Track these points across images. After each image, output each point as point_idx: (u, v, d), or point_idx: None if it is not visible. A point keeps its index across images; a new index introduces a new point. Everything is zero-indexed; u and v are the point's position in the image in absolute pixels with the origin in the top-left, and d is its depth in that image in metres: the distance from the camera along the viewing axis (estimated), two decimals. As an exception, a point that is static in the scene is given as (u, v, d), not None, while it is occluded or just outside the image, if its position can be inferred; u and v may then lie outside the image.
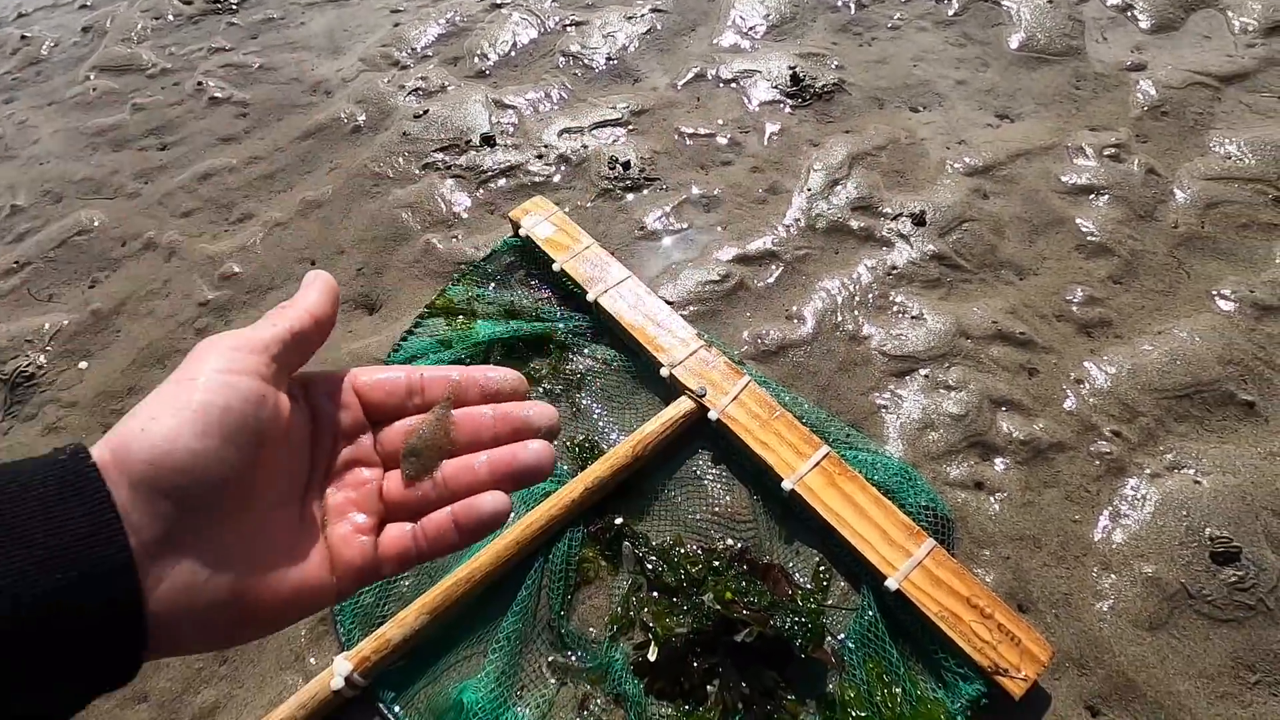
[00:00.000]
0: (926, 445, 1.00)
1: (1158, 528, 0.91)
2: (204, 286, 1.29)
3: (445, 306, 1.19)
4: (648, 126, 1.48)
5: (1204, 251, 1.20)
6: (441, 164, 1.45)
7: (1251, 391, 1.03)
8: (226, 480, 0.32)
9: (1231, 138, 1.34)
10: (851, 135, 1.42)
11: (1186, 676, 0.82)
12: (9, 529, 0.27)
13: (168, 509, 0.30)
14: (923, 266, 1.20)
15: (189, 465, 0.30)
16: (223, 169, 1.50)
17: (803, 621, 0.82)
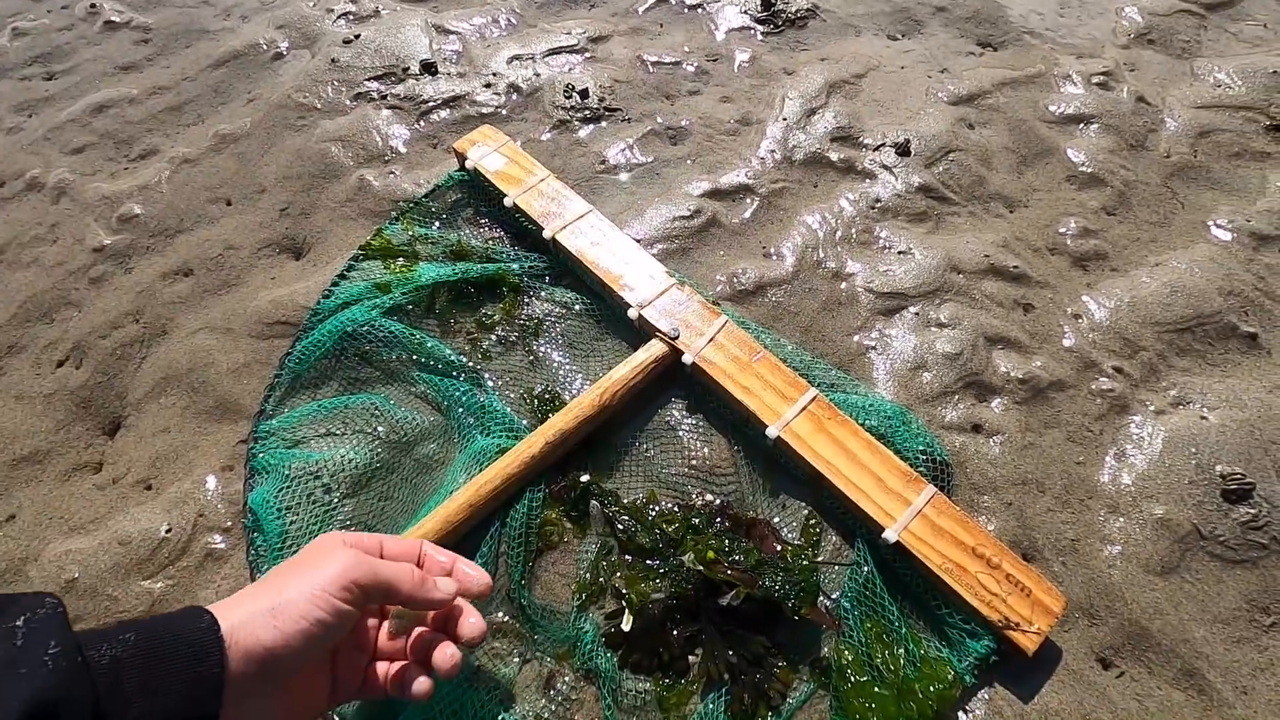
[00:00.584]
0: (919, 387, 0.92)
1: (1166, 467, 0.85)
2: (99, 230, 1.12)
3: (382, 248, 1.05)
4: (607, 54, 1.35)
5: (1197, 181, 1.14)
6: (376, 94, 1.29)
7: (1253, 323, 0.97)
8: (305, 665, 0.53)
9: (1220, 65, 1.28)
10: (828, 63, 1.31)
11: (1201, 622, 0.76)
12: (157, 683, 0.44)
13: (257, 674, 0.48)
14: (908, 199, 1.11)
15: (288, 661, 0.50)
16: (121, 100, 1.32)
17: (794, 580, 0.73)
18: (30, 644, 0.41)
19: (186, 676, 0.45)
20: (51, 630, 0.43)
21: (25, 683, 0.39)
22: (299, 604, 0.51)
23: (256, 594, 0.52)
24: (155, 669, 0.44)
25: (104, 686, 0.42)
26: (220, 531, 0.83)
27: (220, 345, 0.98)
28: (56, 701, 0.39)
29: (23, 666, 0.40)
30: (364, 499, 0.84)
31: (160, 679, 0.44)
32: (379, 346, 0.95)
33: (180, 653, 0.45)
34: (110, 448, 0.92)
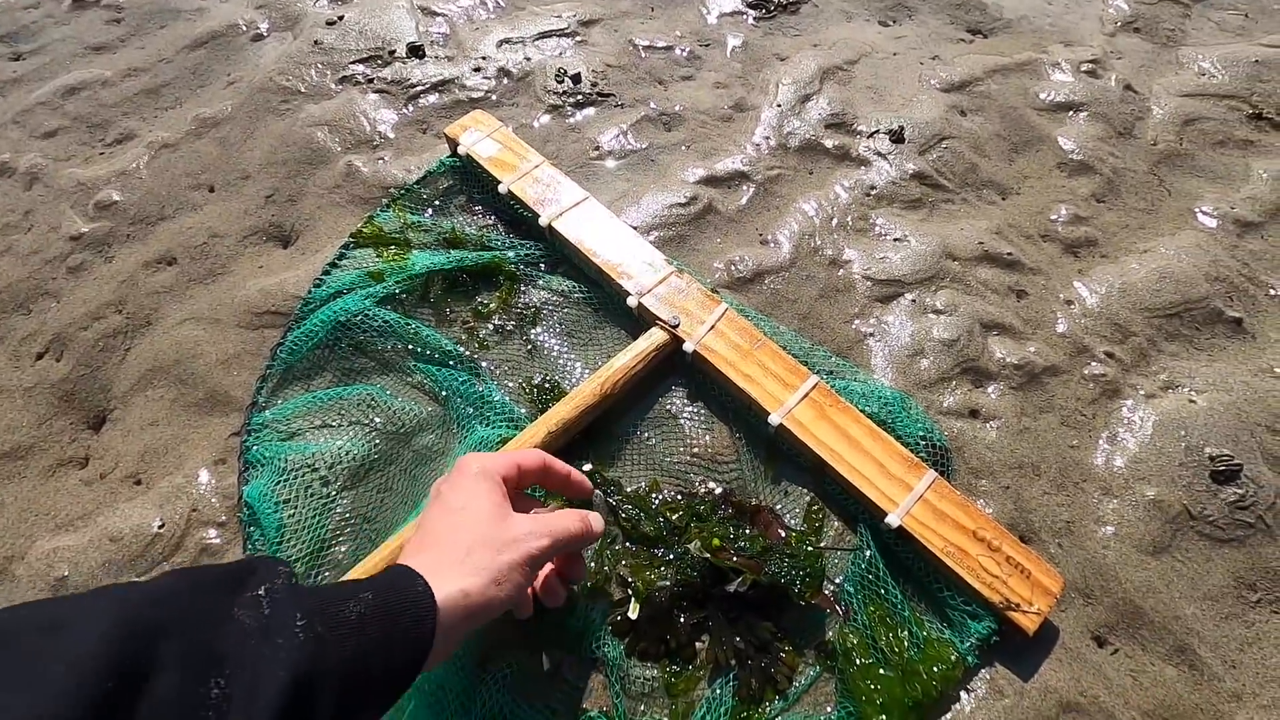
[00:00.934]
0: (917, 373, 0.92)
1: (1157, 449, 0.86)
2: (76, 217, 1.09)
3: (374, 235, 1.03)
4: (598, 38, 1.33)
5: (1183, 168, 1.16)
6: (362, 77, 1.26)
7: (1238, 308, 0.99)
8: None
9: (1204, 54, 1.30)
10: (820, 49, 1.31)
11: (1191, 600, 0.78)
12: (389, 638, 0.48)
13: (444, 637, 0.52)
14: (903, 186, 1.11)
15: (476, 626, 0.56)
16: (94, 82, 1.27)
17: (800, 566, 0.74)
18: (277, 613, 0.44)
19: (411, 635, 0.49)
20: (294, 599, 0.45)
21: (284, 653, 0.42)
22: (495, 595, 0.56)
23: (451, 567, 0.55)
24: (390, 626, 0.48)
25: (350, 647, 0.45)
26: (215, 526, 0.81)
27: (208, 336, 0.95)
28: (311, 674, 0.42)
29: (278, 636, 0.42)
30: (362, 491, 0.83)
31: (393, 636, 0.48)
32: (373, 336, 0.93)
33: (407, 613, 0.49)
34: (96, 442, 0.90)
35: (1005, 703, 0.72)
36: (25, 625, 0.37)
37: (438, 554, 0.56)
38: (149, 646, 0.38)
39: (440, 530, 0.59)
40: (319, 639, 0.44)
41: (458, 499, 0.61)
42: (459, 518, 0.59)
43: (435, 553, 0.56)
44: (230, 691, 0.39)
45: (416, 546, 0.58)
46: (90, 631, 0.36)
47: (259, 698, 0.39)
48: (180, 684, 0.37)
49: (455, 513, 0.60)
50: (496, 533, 0.59)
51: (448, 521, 0.59)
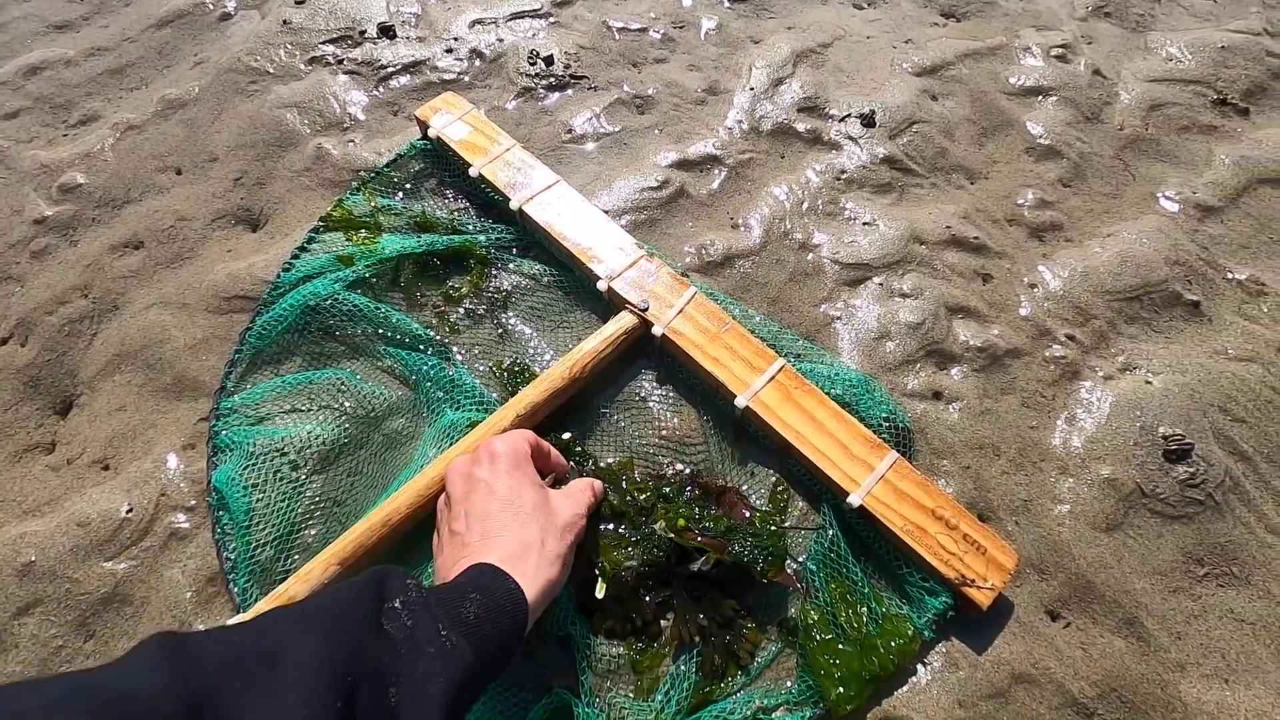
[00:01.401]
0: (883, 356, 0.94)
1: (1113, 429, 0.89)
2: (39, 200, 1.07)
3: (344, 219, 1.02)
4: (571, 19, 1.32)
5: (1148, 153, 1.17)
6: (332, 58, 1.24)
7: (1196, 291, 1.01)
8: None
9: (1172, 39, 1.31)
10: (794, 32, 1.30)
11: (1141, 574, 0.81)
12: (497, 632, 0.53)
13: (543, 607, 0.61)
14: (873, 170, 1.12)
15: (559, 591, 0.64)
16: (56, 62, 1.24)
17: (763, 545, 0.75)
18: (418, 624, 0.49)
19: (510, 628, 0.55)
20: (428, 609, 0.51)
21: (439, 662, 0.48)
22: (567, 563, 0.65)
23: (531, 561, 0.61)
24: (496, 623, 0.54)
25: (475, 644, 0.51)
26: (184, 510, 0.81)
27: (176, 320, 0.95)
28: (463, 678, 0.48)
29: (428, 646, 0.48)
30: (332, 475, 0.83)
31: (500, 630, 0.54)
32: (343, 320, 0.93)
33: (506, 610, 0.55)
34: (63, 427, 0.89)
35: (960, 675, 0.74)
36: (247, 657, 0.41)
37: (517, 547, 0.61)
38: (351, 663, 0.43)
39: (504, 521, 0.63)
40: (457, 645, 0.50)
41: (506, 489, 0.65)
42: (517, 509, 0.64)
43: (511, 546, 0.61)
44: (401, 699, 0.44)
45: (481, 536, 0.62)
46: (308, 654, 0.42)
47: (427, 703, 0.45)
48: (374, 696, 0.43)
49: (511, 504, 0.64)
50: (553, 520, 0.65)
51: (507, 512, 0.64)
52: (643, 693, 0.73)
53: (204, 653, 0.40)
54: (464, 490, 0.67)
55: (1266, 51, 1.29)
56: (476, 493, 0.65)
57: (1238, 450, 0.89)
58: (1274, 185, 1.13)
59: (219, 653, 0.41)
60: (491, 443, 0.69)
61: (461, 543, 0.62)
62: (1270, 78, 1.27)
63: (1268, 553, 0.83)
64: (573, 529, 0.66)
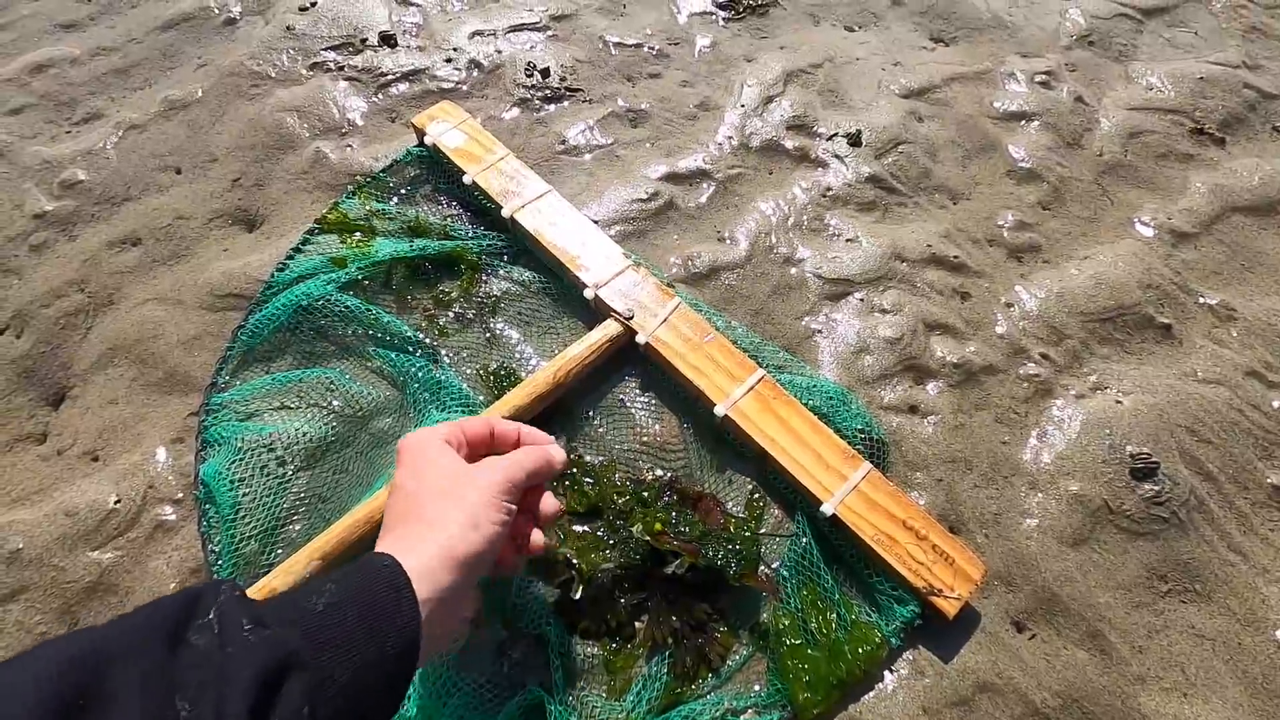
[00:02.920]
0: (861, 369, 0.96)
1: (1082, 446, 0.91)
2: (40, 196, 1.09)
3: (339, 222, 1.04)
4: (569, 33, 1.35)
5: (1126, 179, 1.20)
6: (333, 64, 1.27)
7: (1168, 315, 1.04)
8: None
9: (1153, 69, 1.35)
10: (786, 51, 1.34)
11: (1106, 589, 0.83)
12: (371, 622, 0.46)
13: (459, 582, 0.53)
14: (858, 188, 1.15)
15: (484, 559, 0.56)
16: (62, 60, 1.27)
17: (736, 550, 0.77)
18: (226, 627, 0.41)
19: (392, 610, 0.48)
20: (242, 608, 0.43)
21: (241, 655, 0.40)
22: (476, 539, 0.55)
23: (416, 532, 0.54)
24: (367, 610, 0.47)
25: (328, 638, 0.44)
26: (171, 503, 0.83)
27: (170, 317, 0.97)
28: (278, 668, 0.41)
29: (229, 646, 0.40)
30: (318, 472, 0.85)
31: (375, 617, 0.47)
32: (334, 321, 0.95)
33: (381, 591, 0.48)
34: (55, 419, 0.91)
35: (926, 682, 0.76)
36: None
37: (403, 528, 0.55)
38: (97, 680, 0.35)
39: (400, 509, 0.58)
40: (273, 635, 0.42)
41: (409, 477, 0.59)
42: (415, 489, 0.58)
43: (400, 528, 0.55)
44: (199, 709, 0.37)
45: (382, 534, 0.57)
46: (24, 680, 0.34)
47: (228, 703, 0.37)
48: (141, 710, 0.36)
49: (409, 489, 0.58)
50: (456, 485, 0.58)
51: (404, 498, 0.58)
52: (615, 693, 0.74)
53: None
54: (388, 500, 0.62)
55: (1244, 84, 1.33)
56: (390, 494, 0.61)
57: (1203, 470, 0.91)
58: (1247, 213, 1.16)
59: None
60: (404, 439, 0.63)
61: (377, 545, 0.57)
62: (1247, 109, 1.31)
63: (1229, 571, 0.85)
64: (485, 487, 0.58)
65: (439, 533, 0.53)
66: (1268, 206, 1.17)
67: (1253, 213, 1.17)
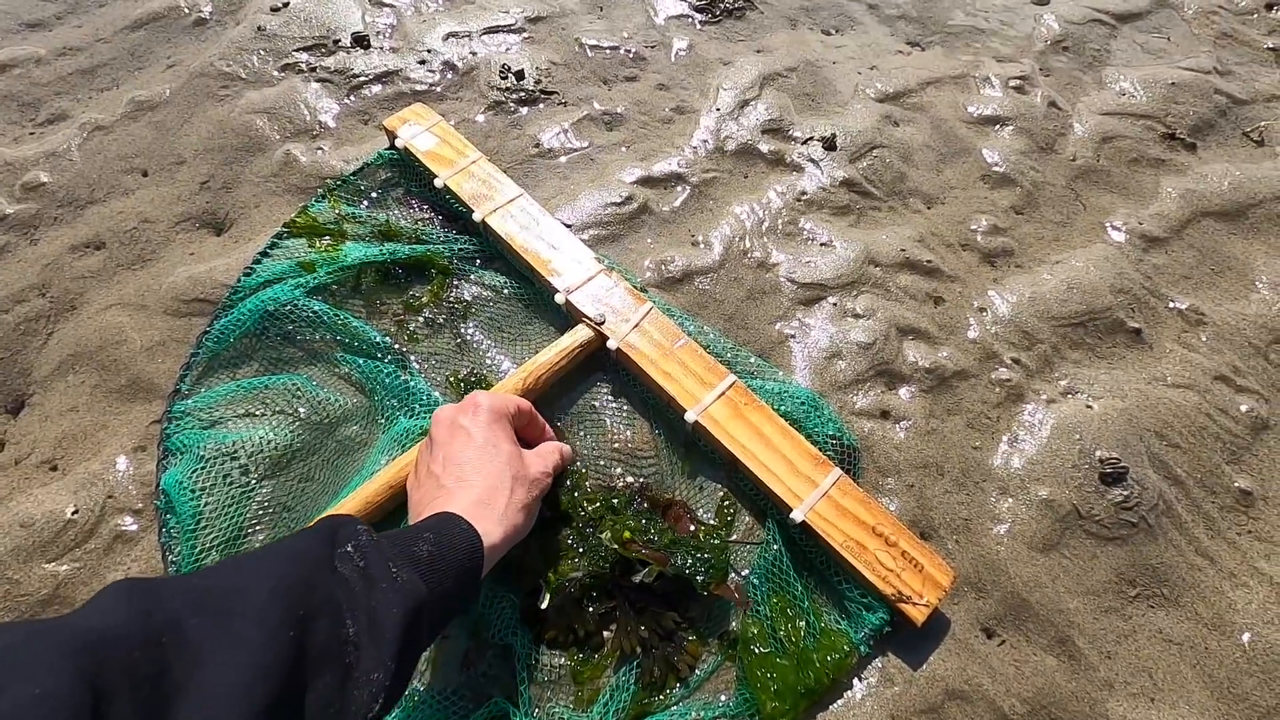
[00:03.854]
0: (834, 374, 0.96)
1: (1052, 451, 0.91)
2: (1, 199, 1.07)
3: (308, 225, 1.03)
4: (544, 35, 1.34)
5: (1098, 184, 1.21)
6: (305, 65, 1.25)
7: (1139, 319, 1.05)
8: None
9: (1126, 74, 1.36)
10: (763, 55, 1.33)
11: (1075, 594, 0.83)
12: (452, 569, 0.58)
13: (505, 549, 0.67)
14: (833, 193, 1.15)
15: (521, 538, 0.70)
16: (27, 60, 1.24)
17: (705, 559, 0.77)
18: (370, 564, 0.52)
19: (466, 565, 0.59)
20: (378, 550, 0.54)
21: (391, 594, 0.51)
22: (531, 513, 0.71)
23: (489, 514, 0.65)
24: (451, 560, 0.58)
25: (430, 579, 0.55)
26: (130, 513, 0.81)
27: (134, 322, 0.95)
28: (417, 606, 0.52)
29: (381, 582, 0.51)
30: (283, 480, 0.83)
31: (454, 566, 0.58)
32: (302, 326, 0.93)
33: (460, 549, 0.59)
34: (13, 426, 0.89)
35: (894, 690, 0.76)
36: (204, 594, 0.45)
37: (485, 492, 0.66)
38: (304, 598, 0.47)
39: (477, 467, 0.68)
40: (409, 580, 0.53)
41: (483, 435, 0.70)
42: (490, 454, 0.69)
43: (480, 490, 0.66)
44: (358, 630, 0.48)
45: (456, 478, 0.67)
46: (263, 590, 0.46)
47: (384, 631, 0.49)
48: (330, 627, 0.47)
49: (485, 452, 0.69)
50: (523, 471, 0.70)
51: (481, 459, 0.68)
52: (582, 703, 0.73)
53: (163, 592, 0.43)
54: (447, 435, 0.71)
55: (1215, 89, 1.35)
56: (457, 439, 0.70)
57: (1172, 475, 0.92)
58: (1217, 218, 1.17)
59: (178, 591, 0.44)
60: (476, 395, 0.73)
61: (437, 483, 0.67)
62: (1217, 115, 1.32)
63: (1197, 575, 0.86)
64: (539, 484, 0.71)
65: (514, 515, 0.67)
66: (1238, 211, 1.18)
67: (1223, 218, 1.18)
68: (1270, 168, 1.24)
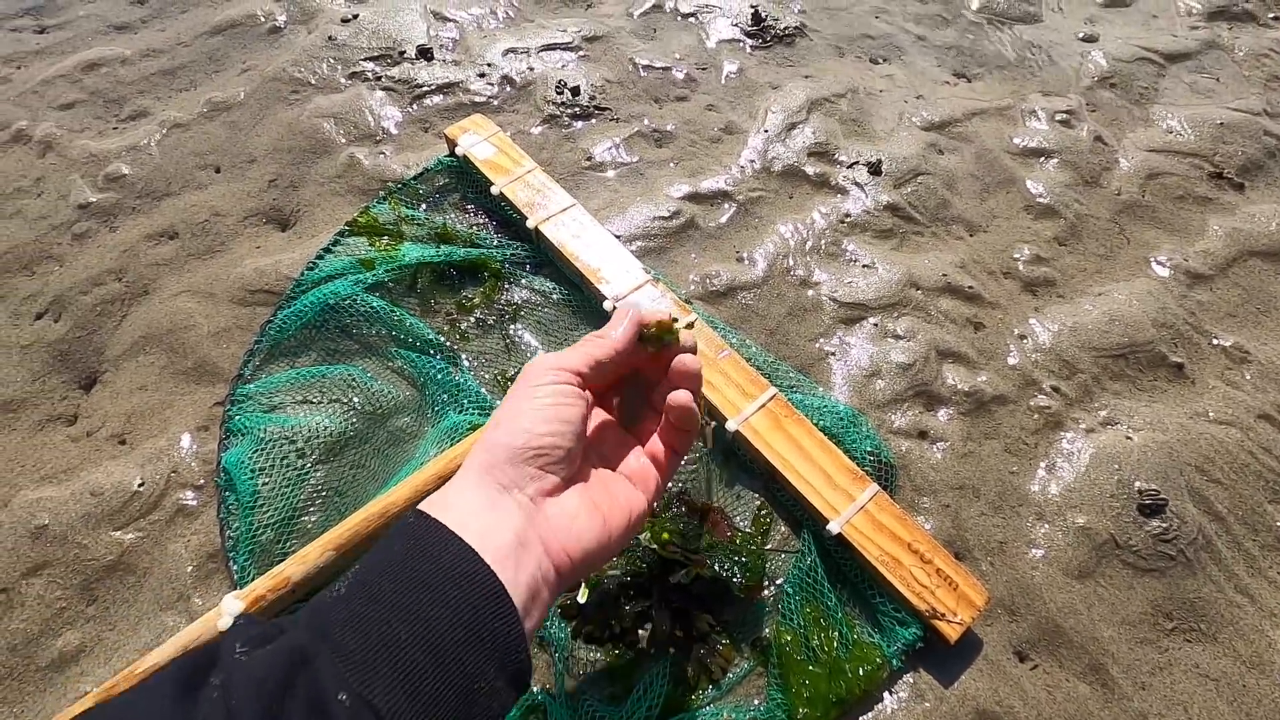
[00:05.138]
0: (873, 393, 0.97)
1: (1090, 480, 0.91)
2: (85, 187, 1.13)
3: (368, 225, 1.08)
4: (600, 54, 1.39)
5: (1143, 219, 1.22)
6: (371, 74, 1.31)
7: (1181, 354, 1.05)
8: (568, 452, 0.46)
9: (1173, 113, 1.37)
10: (811, 81, 1.37)
11: (1110, 623, 0.83)
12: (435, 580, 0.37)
13: (535, 473, 0.45)
14: (876, 216, 1.17)
15: (540, 444, 0.45)
16: (113, 60, 1.32)
17: (742, 563, 0.78)
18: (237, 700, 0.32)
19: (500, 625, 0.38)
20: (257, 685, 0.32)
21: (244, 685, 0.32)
22: (517, 401, 0.47)
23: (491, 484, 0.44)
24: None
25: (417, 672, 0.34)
26: (192, 488, 0.85)
27: (202, 309, 1.00)
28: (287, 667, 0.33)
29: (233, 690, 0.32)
30: (336, 466, 0.87)
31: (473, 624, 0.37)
32: (359, 321, 0.97)
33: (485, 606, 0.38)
34: (86, 401, 0.94)
35: (925, 706, 0.76)
36: None
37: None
38: None
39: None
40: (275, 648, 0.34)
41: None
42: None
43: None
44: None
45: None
46: None
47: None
48: None
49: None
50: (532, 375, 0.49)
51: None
52: (615, 698, 0.75)
53: None
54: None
55: (1264, 131, 1.35)
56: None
57: (1212, 510, 0.91)
58: (1264, 258, 1.17)
59: None
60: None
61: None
62: (1266, 156, 1.32)
63: (1235, 612, 0.85)
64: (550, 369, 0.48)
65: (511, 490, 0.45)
66: (1285, 252, 1.18)
67: (1270, 258, 1.18)
68: (1319, 210, 1.24)
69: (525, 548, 0.41)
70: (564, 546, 0.44)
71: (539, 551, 0.42)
